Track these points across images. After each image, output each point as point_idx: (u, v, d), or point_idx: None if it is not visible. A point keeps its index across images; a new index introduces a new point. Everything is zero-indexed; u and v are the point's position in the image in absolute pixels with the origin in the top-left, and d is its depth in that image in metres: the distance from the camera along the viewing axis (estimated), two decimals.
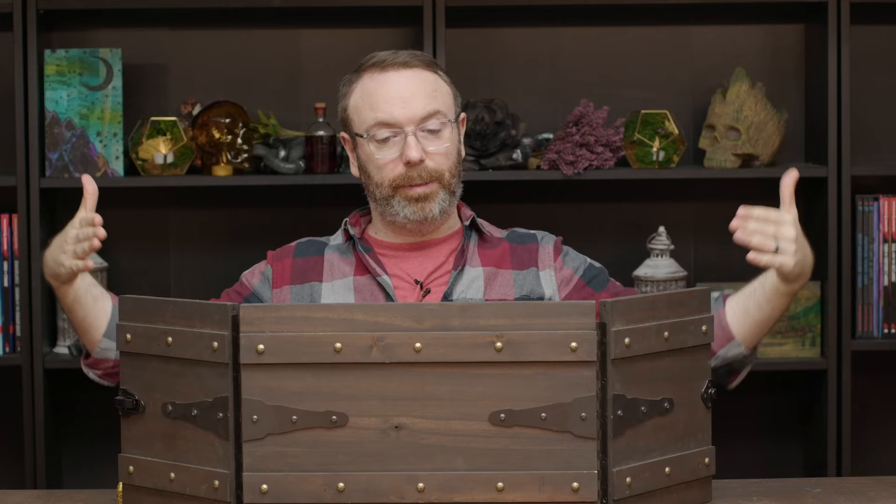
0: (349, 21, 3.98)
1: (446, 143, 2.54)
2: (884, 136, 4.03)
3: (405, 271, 2.58)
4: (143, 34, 3.96)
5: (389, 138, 2.53)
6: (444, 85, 2.59)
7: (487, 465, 2.06)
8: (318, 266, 2.60)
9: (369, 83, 2.56)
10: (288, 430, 2.06)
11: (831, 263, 3.79)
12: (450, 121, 2.55)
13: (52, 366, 3.80)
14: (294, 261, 2.61)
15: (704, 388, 2.19)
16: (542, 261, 2.61)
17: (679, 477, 2.15)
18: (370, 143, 2.55)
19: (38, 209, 3.74)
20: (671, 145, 3.81)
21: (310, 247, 2.64)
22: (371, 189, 2.59)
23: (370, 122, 2.54)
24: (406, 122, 2.52)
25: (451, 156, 2.56)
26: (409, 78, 2.55)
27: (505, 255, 2.60)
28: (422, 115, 2.52)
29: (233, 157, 3.80)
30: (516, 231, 2.67)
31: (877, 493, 2.31)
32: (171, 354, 2.12)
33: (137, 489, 2.18)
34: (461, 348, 2.05)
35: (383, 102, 2.53)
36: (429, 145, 2.53)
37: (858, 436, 3.97)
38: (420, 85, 2.55)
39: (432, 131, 2.53)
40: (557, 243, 2.64)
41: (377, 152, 2.54)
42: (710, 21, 4.00)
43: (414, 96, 2.53)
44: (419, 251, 2.60)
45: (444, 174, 2.54)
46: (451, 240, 2.61)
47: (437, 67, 2.60)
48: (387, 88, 2.54)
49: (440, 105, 2.55)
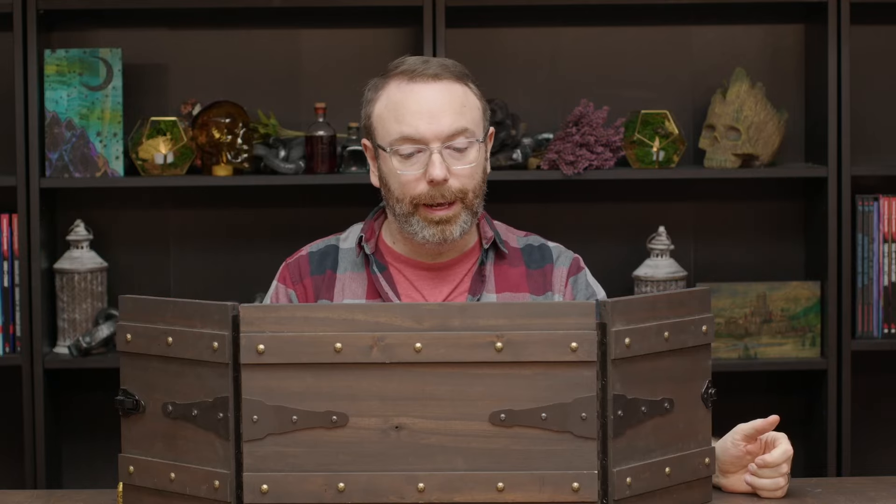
0: (349, 21, 3.98)
1: (472, 162, 2.45)
2: (884, 136, 4.03)
3: (420, 293, 2.52)
4: (143, 34, 3.97)
5: (413, 154, 2.43)
6: (473, 99, 2.48)
7: (488, 465, 2.06)
8: (330, 283, 2.53)
9: (396, 93, 2.45)
10: (288, 430, 2.06)
11: (831, 263, 3.79)
12: (477, 140, 2.46)
13: (52, 366, 3.80)
14: (313, 279, 2.54)
15: (704, 388, 2.19)
16: (556, 284, 2.55)
17: (679, 477, 2.15)
18: (393, 158, 2.45)
19: (38, 209, 3.74)
20: (671, 145, 3.81)
21: (324, 260, 2.56)
22: (391, 203, 2.48)
23: (394, 136, 2.44)
24: (432, 139, 2.42)
25: (477, 176, 2.46)
26: (438, 91, 2.44)
27: (521, 280, 2.54)
28: (448, 133, 2.43)
29: (233, 157, 3.80)
30: (533, 247, 2.58)
31: (877, 493, 2.31)
32: (172, 354, 2.12)
33: (138, 489, 2.18)
34: (461, 348, 2.05)
35: (409, 116, 2.43)
36: (454, 164, 2.44)
37: (858, 436, 3.98)
38: (448, 100, 2.44)
39: (458, 150, 2.44)
40: (573, 264, 2.58)
41: (400, 167, 2.44)
42: (710, 21, 4.00)
43: (442, 112, 2.43)
44: (436, 272, 2.53)
45: (467, 194, 2.45)
46: (468, 258, 2.55)
47: (469, 79, 2.49)
48: (414, 101, 2.43)
49: (468, 122, 2.45)
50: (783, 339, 3.86)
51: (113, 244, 3.99)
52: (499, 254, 2.56)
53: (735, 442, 2.27)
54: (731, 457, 2.28)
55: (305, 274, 2.55)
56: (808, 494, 2.30)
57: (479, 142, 2.46)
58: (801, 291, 3.86)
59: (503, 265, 2.55)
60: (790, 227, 4.03)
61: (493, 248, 2.55)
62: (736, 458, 2.28)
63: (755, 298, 3.86)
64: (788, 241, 4.03)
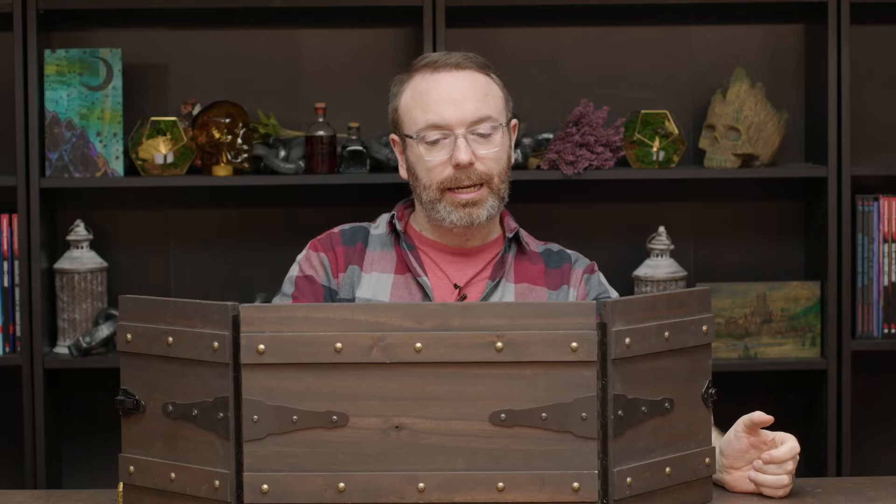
0: (349, 21, 3.98)
1: (496, 147, 2.52)
2: (884, 136, 4.03)
3: (445, 273, 2.58)
4: (143, 34, 3.97)
5: (439, 140, 2.51)
6: (496, 88, 2.57)
7: (488, 465, 2.06)
8: (361, 255, 2.59)
9: (421, 84, 2.54)
10: (288, 430, 2.06)
11: (831, 263, 3.79)
12: (501, 125, 2.53)
13: (52, 366, 3.80)
14: (345, 248, 2.61)
15: (705, 388, 2.19)
16: (572, 280, 2.62)
17: (679, 477, 2.15)
18: (420, 145, 2.52)
19: (38, 209, 3.74)
20: (671, 145, 3.81)
21: (354, 235, 2.62)
22: (419, 192, 2.56)
23: (421, 124, 2.52)
24: (457, 125, 2.50)
25: (502, 161, 2.54)
26: (461, 79, 2.53)
27: (540, 275, 2.61)
28: (472, 119, 2.51)
29: (233, 157, 3.80)
30: (552, 252, 2.65)
31: (877, 493, 2.31)
32: (172, 354, 2.12)
33: (138, 489, 2.18)
34: (461, 348, 2.05)
35: (434, 104, 2.51)
36: (479, 149, 2.51)
37: (858, 436, 3.98)
38: (472, 87, 2.53)
39: (483, 135, 2.51)
40: (588, 268, 2.65)
41: (427, 154, 2.52)
42: (710, 21, 4.00)
43: (466, 98, 2.51)
44: (461, 256, 2.59)
45: (493, 178, 2.52)
46: (492, 247, 2.61)
47: (491, 70, 2.58)
48: (438, 90, 2.52)
49: (491, 109, 2.53)
50: (783, 339, 3.86)
51: (113, 244, 3.99)
52: (521, 249, 2.63)
53: (738, 434, 2.27)
54: (735, 450, 2.28)
55: (337, 243, 2.61)
56: (808, 494, 2.30)
57: (502, 126, 2.54)
58: (801, 291, 3.86)
59: (524, 261, 2.62)
60: (790, 227, 4.03)
61: (516, 241, 2.63)
62: (740, 453, 2.28)
63: (755, 298, 3.86)
64: (788, 241, 4.03)
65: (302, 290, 2.58)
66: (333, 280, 2.58)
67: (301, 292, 2.57)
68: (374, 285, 2.56)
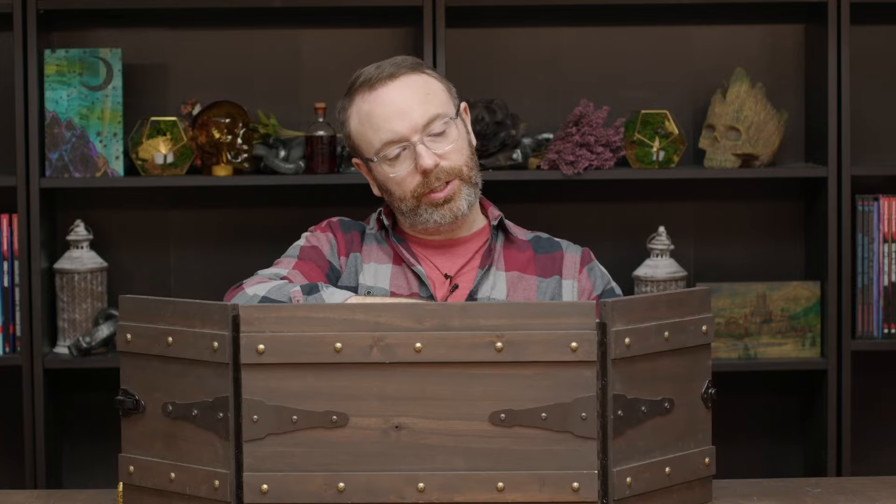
0: (349, 21, 3.98)
1: (454, 140, 2.55)
2: (884, 136, 4.03)
3: (435, 264, 2.60)
4: (143, 34, 3.96)
5: (400, 153, 2.53)
6: (434, 83, 2.59)
7: (488, 465, 2.06)
8: (358, 244, 2.63)
9: (363, 105, 2.56)
10: (288, 430, 2.07)
11: (831, 263, 3.79)
12: (451, 118, 2.56)
13: (52, 366, 3.80)
14: (343, 236, 2.64)
15: (704, 388, 2.19)
16: (566, 270, 2.62)
17: (679, 477, 2.15)
18: (383, 164, 2.55)
19: (38, 209, 3.74)
20: (671, 145, 3.81)
21: (352, 226, 2.66)
22: (396, 205, 2.59)
23: (377, 145, 2.55)
24: (410, 133, 2.52)
25: (464, 150, 2.57)
26: (400, 89, 2.55)
27: (530, 262, 2.62)
28: (423, 122, 2.53)
29: (233, 157, 3.80)
30: (541, 238, 2.67)
31: (877, 493, 2.31)
32: (172, 354, 2.12)
33: (138, 489, 2.18)
34: (461, 348, 2.05)
35: (382, 122, 2.54)
36: (438, 148, 2.53)
37: (858, 436, 3.97)
38: (412, 93, 2.54)
39: (438, 134, 2.54)
40: (585, 254, 2.66)
41: (392, 170, 2.54)
42: (710, 21, 4.00)
43: (410, 106, 2.53)
44: (448, 248, 2.62)
45: (461, 169, 2.55)
46: (478, 237, 2.64)
47: (423, 67, 2.60)
48: (382, 106, 2.54)
49: (437, 107, 2.55)
50: (783, 339, 3.86)
51: (113, 244, 3.99)
52: (508, 238, 2.64)
53: None
54: None
55: (336, 229, 2.65)
56: (808, 494, 2.30)
57: (453, 119, 2.56)
58: (801, 291, 3.86)
59: (512, 249, 2.64)
60: (790, 227, 4.02)
61: (502, 229, 2.65)
62: None
63: (755, 298, 3.86)
64: (788, 241, 4.03)
65: (307, 256, 2.59)
66: (337, 260, 2.61)
67: (307, 257, 2.58)
68: (374, 275, 2.59)
